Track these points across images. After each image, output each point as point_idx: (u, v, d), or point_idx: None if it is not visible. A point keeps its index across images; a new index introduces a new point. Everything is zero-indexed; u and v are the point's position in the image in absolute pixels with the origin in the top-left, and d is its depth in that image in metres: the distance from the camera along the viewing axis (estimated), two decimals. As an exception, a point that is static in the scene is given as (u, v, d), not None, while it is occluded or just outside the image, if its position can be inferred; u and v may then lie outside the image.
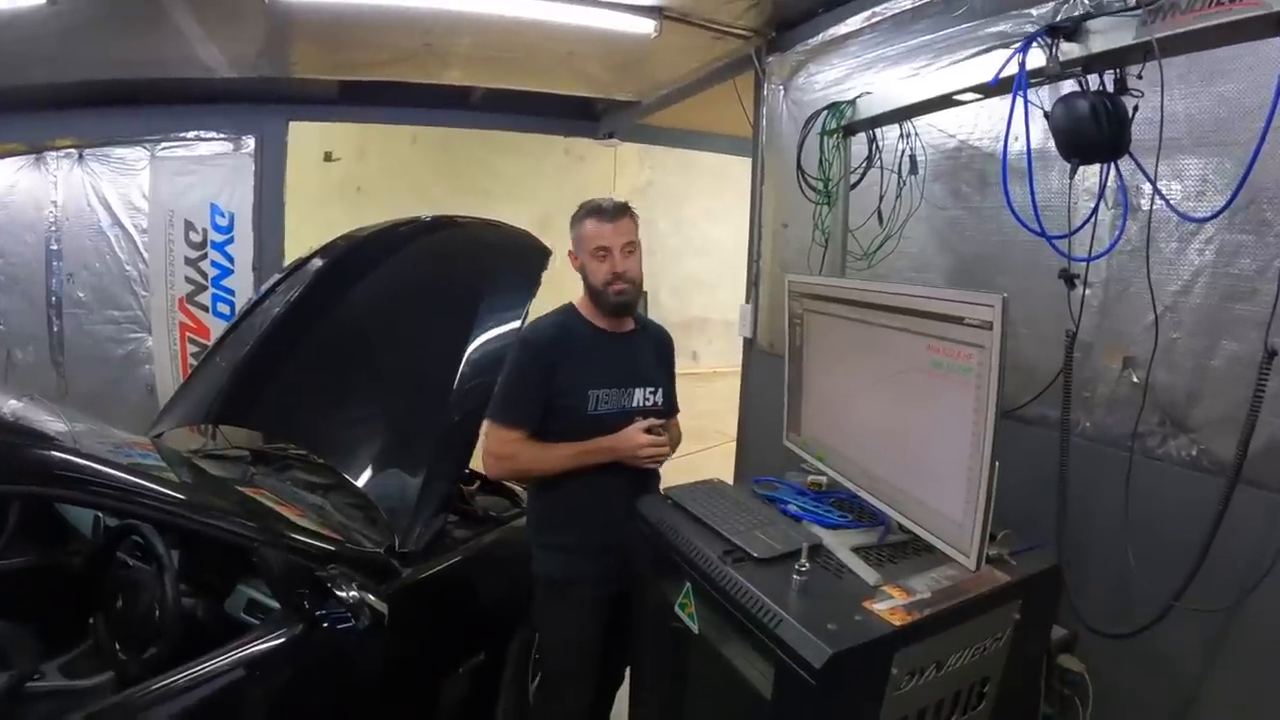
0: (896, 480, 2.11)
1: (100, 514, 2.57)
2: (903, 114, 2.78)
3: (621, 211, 2.48)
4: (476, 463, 2.73)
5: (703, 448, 6.54)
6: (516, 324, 2.97)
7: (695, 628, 2.09)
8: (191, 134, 6.66)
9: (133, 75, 5.58)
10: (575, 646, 2.53)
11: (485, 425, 2.49)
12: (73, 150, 6.56)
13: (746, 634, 1.82)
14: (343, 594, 2.08)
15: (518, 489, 3.32)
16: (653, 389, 2.59)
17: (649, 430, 2.44)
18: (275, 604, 2.20)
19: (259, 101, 6.57)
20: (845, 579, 1.91)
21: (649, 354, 2.65)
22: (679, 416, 2.80)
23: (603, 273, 2.45)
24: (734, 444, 4.84)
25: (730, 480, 2.98)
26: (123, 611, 2.22)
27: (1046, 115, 1.88)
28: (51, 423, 2.27)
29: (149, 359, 6.89)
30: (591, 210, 2.48)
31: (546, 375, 2.41)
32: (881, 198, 3.04)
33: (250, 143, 6.77)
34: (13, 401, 2.38)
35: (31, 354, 6.73)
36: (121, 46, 4.92)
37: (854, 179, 3.05)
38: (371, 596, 2.16)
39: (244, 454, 3.28)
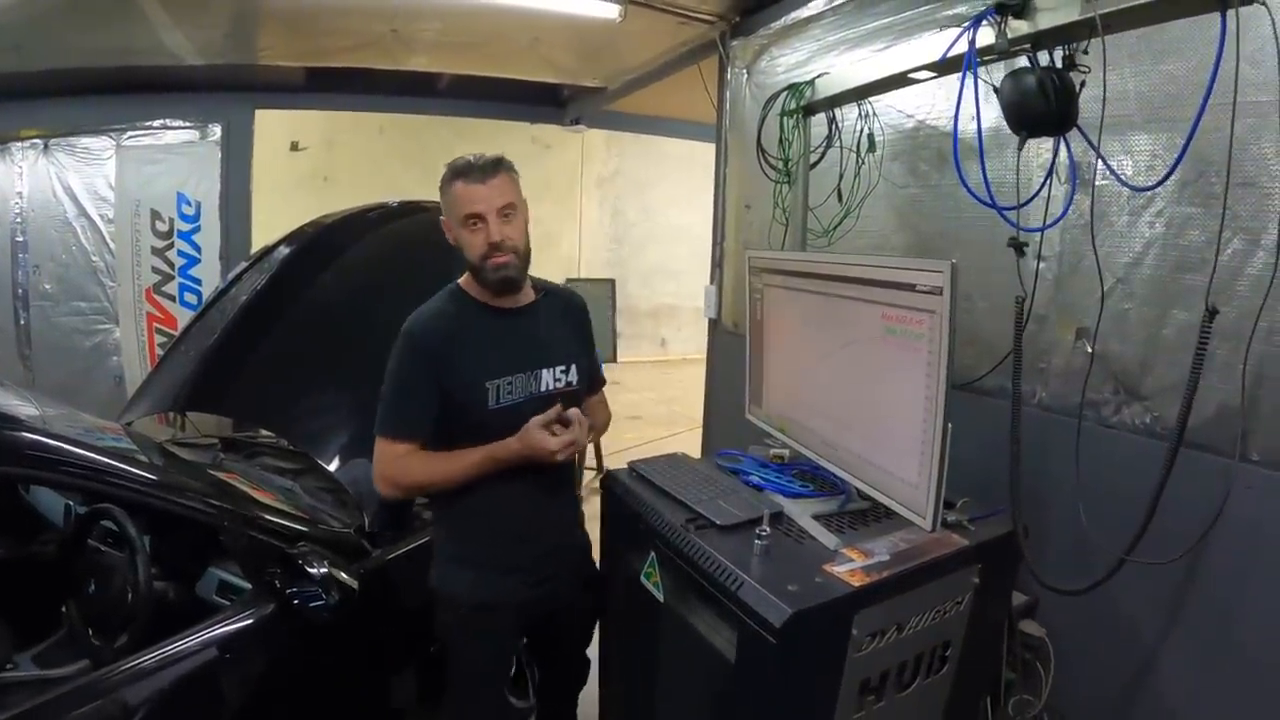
0: (854, 447, 2.16)
1: (70, 502, 2.56)
2: (859, 93, 2.82)
3: (495, 168, 2.08)
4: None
5: (671, 433, 6.62)
6: None
7: (661, 597, 2.13)
8: (158, 123, 6.61)
9: (99, 64, 5.54)
10: (479, 680, 2.26)
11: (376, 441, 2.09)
12: (38, 140, 6.51)
13: (710, 600, 1.86)
14: (313, 571, 2.11)
15: None
16: (563, 367, 2.22)
17: (559, 421, 2.06)
18: (247, 585, 2.21)
19: (226, 89, 6.53)
20: (806, 545, 1.96)
21: (556, 326, 2.25)
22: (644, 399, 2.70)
23: (478, 244, 2.05)
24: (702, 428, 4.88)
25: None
26: (95, 597, 2.21)
27: (997, 91, 1.92)
28: (21, 406, 2.27)
29: (117, 350, 6.85)
30: (458, 171, 2.08)
31: (435, 372, 2.04)
32: (841, 177, 3.09)
33: (217, 131, 6.72)
34: None
35: None
36: (87, 34, 4.89)
37: (814, 159, 3.09)
38: (342, 574, 2.18)
39: (213, 441, 3.30)
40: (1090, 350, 2.29)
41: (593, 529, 2.48)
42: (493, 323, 2.13)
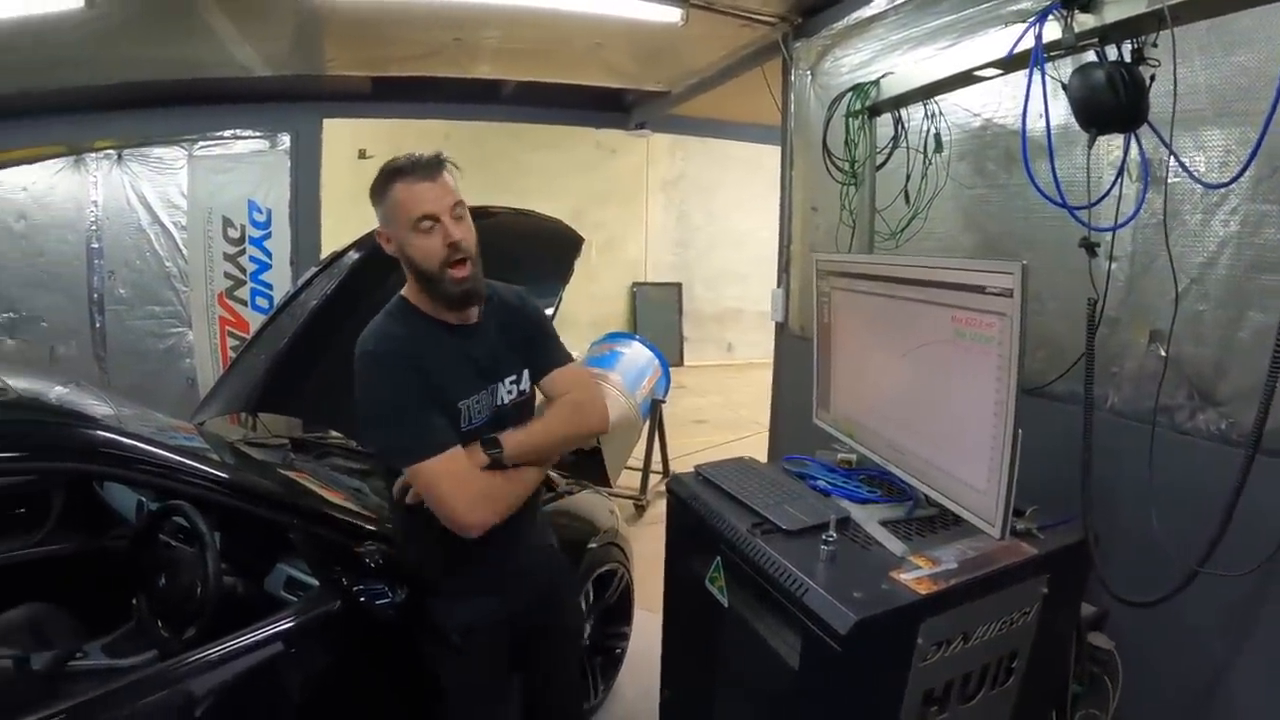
0: (923, 452, 2.12)
1: (142, 498, 2.63)
2: (925, 92, 2.79)
3: (439, 165, 1.88)
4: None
5: (737, 438, 6.60)
6: (550, 311, 2.97)
7: (725, 601, 2.11)
8: (228, 132, 6.84)
9: (169, 76, 5.72)
10: (479, 704, 2.12)
11: (411, 476, 1.87)
12: (112, 151, 6.79)
13: (775, 605, 1.84)
14: (378, 569, 2.13)
15: (551, 474, 3.35)
16: (513, 377, 2.06)
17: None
18: (314, 581, 2.23)
19: (294, 100, 6.71)
20: (873, 551, 1.93)
21: (503, 333, 2.06)
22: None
23: (435, 249, 1.84)
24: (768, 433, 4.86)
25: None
26: (165, 590, 2.26)
27: (1065, 87, 1.88)
28: (96, 405, 2.34)
29: (189, 353, 7.09)
30: (397, 170, 1.86)
31: (422, 385, 1.85)
32: (908, 178, 3.05)
33: (286, 140, 6.92)
34: (59, 387, 2.45)
35: (74, 349, 6.98)
36: (156, 48, 5.05)
37: (880, 160, 3.06)
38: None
39: (284, 441, 3.36)
40: (1164, 354, 2.22)
41: (658, 532, 2.47)
42: (450, 341, 1.94)
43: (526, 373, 2.09)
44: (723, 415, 8.25)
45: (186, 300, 7.02)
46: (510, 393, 2.04)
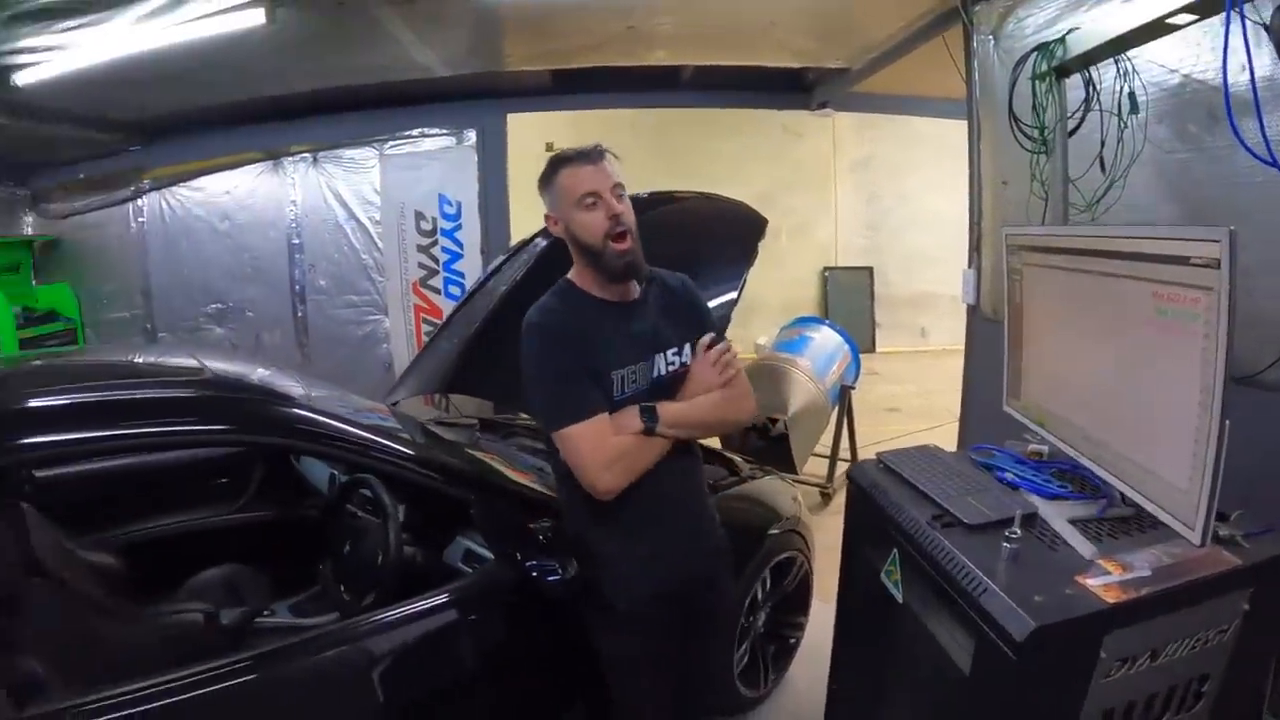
0: (1118, 445, 1.95)
1: (334, 471, 2.84)
2: (1115, 47, 2.59)
3: (600, 153, 2.03)
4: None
5: (930, 427, 6.37)
6: (734, 295, 3.00)
7: (900, 596, 2.03)
8: (416, 131, 7.34)
9: (355, 82, 6.19)
10: (648, 665, 2.15)
11: (558, 440, 1.98)
12: (307, 154, 7.51)
13: (950, 604, 1.75)
14: (551, 545, 2.19)
15: (735, 457, 3.37)
16: (674, 350, 2.13)
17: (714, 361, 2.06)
18: (490, 555, 2.31)
19: (477, 97, 7.08)
20: (1059, 551, 1.79)
21: (665, 310, 2.16)
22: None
23: (598, 222, 1.98)
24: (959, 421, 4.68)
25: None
26: (349, 557, 2.44)
27: (1267, 28, 1.67)
28: (293, 387, 2.50)
29: (386, 338, 7.68)
30: (561, 159, 2.04)
31: (580, 356, 1.98)
32: (1102, 143, 2.83)
33: (471, 136, 7.32)
34: (261, 370, 2.64)
35: (278, 336, 7.80)
36: (339, 57, 5.46)
37: (1071, 125, 2.87)
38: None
39: (473, 421, 3.49)
40: None
41: (837, 522, 2.43)
42: (609, 315, 2.06)
43: (688, 347, 2.15)
44: (915, 403, 7.98)
45: (382, 289, 7.57)
46: (672, 364, 2.12)
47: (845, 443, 5.79)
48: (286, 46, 4.80)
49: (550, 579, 2.13)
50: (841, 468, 5.59)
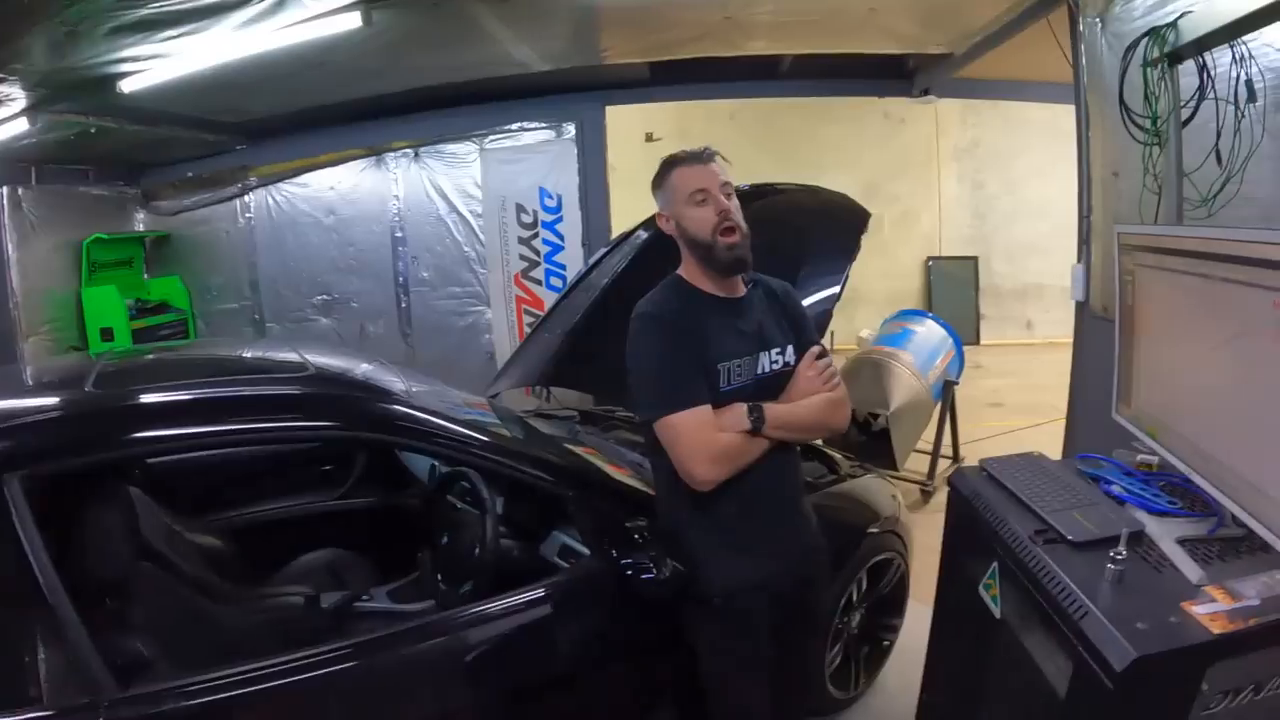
0: (1231, 461, 1.85)
1: (435, 463, 2.89)
2: (1230, 31, 2.44)
3: (710, 155, 2.11)
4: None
5: (1033, 423, 6.17)
6: (837, 289, 2.97)
7: (997, 612, 1.98)
8: (515, 125, 7.42)
9: (454, 79, 6.28)
10: (745, 660, 2.15)
11: (659, 428, 2.02)
12: (409, 150, 7.68)
13: (1049, 624, 1.70)
14: (647, 544, 2.17)
15: (836, 455, 3.33)
16: (778, 349, 2.18)
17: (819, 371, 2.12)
18: (586, 551, 2.33)
19: (575, 90, 7.09)
20: (1165, 574, 1.72)
21: (769, 311, 2.22)
22: None
23: (708, 217, 2.05)
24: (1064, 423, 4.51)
25: (1058, 457, 2.72)
26: (447, 547, 2.49)
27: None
28: (394, 383, 2.57)
29: (488, 329, 7.84)
30: (673, 161, 2.13)
31: (690, 346, 2.04)
32: (1219, 134, 2.67)
33: (571, 129, 7.35)
34: (364, 365, 2.73)
35: (382, 327, 8.05)
36: (436, 55, 5.55)
37: (1185, 115, 2.73)
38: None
39: (573, 414, 3.50)
40: None
41: (942, 521, 2.40)
42: (717, 309, 2.13)
43: (791, 348, 2.19)
44: (1020, 398, 7.73)
45: (485, 281, 7.72)
46: (775, 363, 2.16)
47: (947, 439, 5.68)
48: (384, 47, 4.91)
49: (645, 577, 2.13)
50: (943, 464, 5.50)
